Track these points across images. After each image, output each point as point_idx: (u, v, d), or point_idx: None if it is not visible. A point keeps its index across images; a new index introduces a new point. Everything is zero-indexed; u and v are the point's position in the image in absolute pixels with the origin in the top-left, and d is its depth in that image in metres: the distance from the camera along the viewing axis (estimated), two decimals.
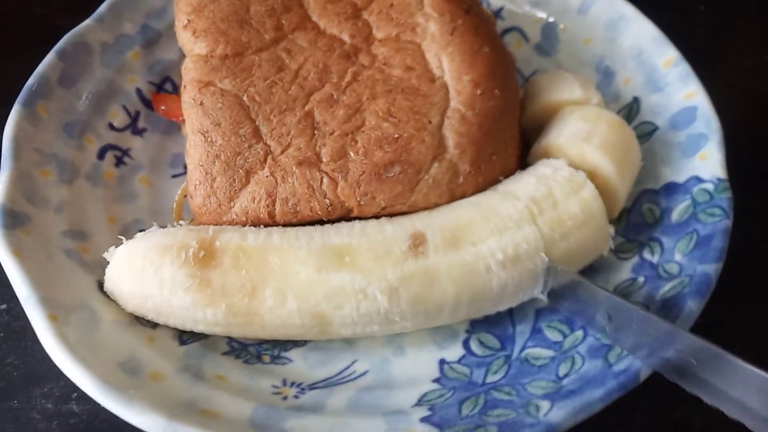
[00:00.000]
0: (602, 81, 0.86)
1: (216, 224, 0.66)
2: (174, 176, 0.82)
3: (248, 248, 0.61)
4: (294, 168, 0.65)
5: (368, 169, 0.65)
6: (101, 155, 0.80)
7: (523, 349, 0.64)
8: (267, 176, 0.65)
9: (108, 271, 0.64)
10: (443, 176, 0.66)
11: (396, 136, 0.66)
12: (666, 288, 0.64)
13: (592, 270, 0.70)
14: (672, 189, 0.73)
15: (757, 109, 0.93)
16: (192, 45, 0.71)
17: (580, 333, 0.64)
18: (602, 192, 0.67)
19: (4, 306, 0.76)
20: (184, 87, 0.69)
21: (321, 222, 0.66)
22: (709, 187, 0.69)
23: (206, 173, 0.66)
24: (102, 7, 0.86)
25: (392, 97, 0.68)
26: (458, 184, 0.67)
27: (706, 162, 0.71)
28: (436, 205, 0.67)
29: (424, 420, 0.58)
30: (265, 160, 0.66)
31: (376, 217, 0.66)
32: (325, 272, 0.60)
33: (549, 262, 0.62)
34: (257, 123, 0.67)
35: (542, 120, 0.77)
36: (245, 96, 0.68)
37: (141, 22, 0.89)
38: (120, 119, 0.84)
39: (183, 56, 0.90)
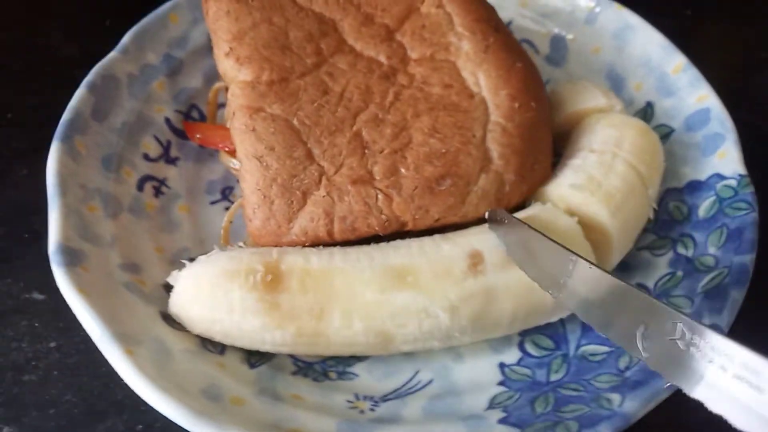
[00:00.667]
0: (613, 87, 0.91)
1: (276, 245, 0.68)
2: (212, 203, 0.83)
3: (314, 271, 0.63)
4: (349, 187, 0.67)
5: (421, 184, 0.68)
6: (140, 187, 0.80)
7: (578, 347, 0.68)
8: (324, 196, 0.67)
9: (174, 296, 0.65)
10: (491, 186, 0.69)
11: (443, 150, 0.69)
12: (706, 280, 0.68)
13: (629, 267, 0.74)
14: (695, 187, 0.77)
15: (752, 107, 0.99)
16: (236, 72, 0.72)
17: None
18: (635, 193, 0.71)
19: (53, 344, 0.75)
20: (233, 114, 0.71)
21: (377, 237, 0.68)
22: (732, 183, 0.74)
23: (264, 197, 0.67)
24: (125, 39, 0.87)
25: (435, 114, 0.71)
26: (505, 194, 0.70)
27: (725, 160, 0.76)
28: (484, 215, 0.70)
29: (501, 421, 0.60)
30: (320, 181, 0.68)
31: (430, 229, 0.68)
32: (389, 293, 0.62)
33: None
34: (309, 145, 0.69)
35: (567, 129, 0.81)
36: (295, 120, 0.70)
37: (163, 51, 0.90)
38: (153, 149, 0.85)
39: (207, 84, 0.92)
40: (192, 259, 0.76)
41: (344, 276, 0.62)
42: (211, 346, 0.66)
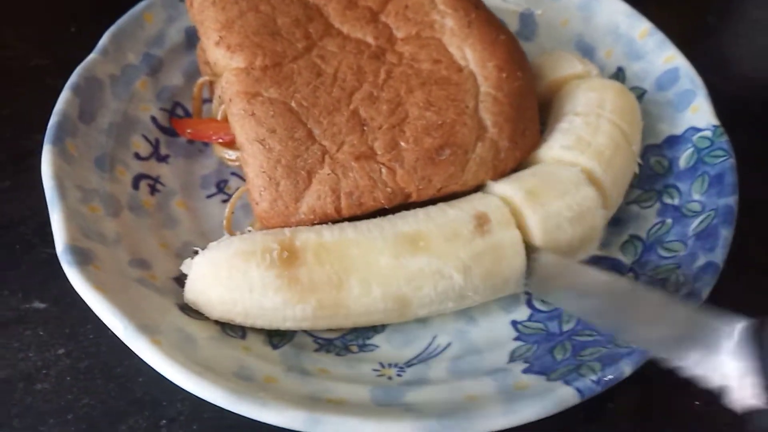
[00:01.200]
0: (584, 56, 0.95)
1: (284, 226, 0.68)
2: (208, 197, 0.83)
3: (328, 244, 0.64)
4: (353, 163, 0.69)
5: (421, 155, 0.70)
6: (135, 185, 0.80)
7: None
8: (328, 174, 0.69)
9: (190, 282, 0.65)
10: (487, 154, 0.72)
11: (440, 122, 0.71)
12: (695, 223, 0.72)
13: (621, 221, 0.78)
14: (673, 141, 0.82)
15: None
16: (228, 60, 0.73)
17: (630, 274, 0.72)
18: (621, 149, 0.75)
19: (62, 350, 0.74)
20: (230, 100, 0.71)
21: (383, 211, 0.70)
22: (707, 134, 0.79)
23: (270, 179, 0.68)
24: (103, 40, 0.86)
25: (428, 88, 0.73)
26: (501, 160, 0.73)
27: (699, 114, 0.81)
28: (483, 182, 0.72)
29: (526, 371, 0.63)
30: (323, 159, 0.69)
31: (432, 200, 0.71)
32: (403, 258, 0.64)
33: (536, 248, 0.66)
34: (309, 126, 0.70)
35: (548, 97, 0.84)
36: (293, 102, 0.71)
37: (142, 51, 0.89)
38: (143, 148, 0.84)
39: (188, 81, 0.92)
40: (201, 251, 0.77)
41: (358, 246, 0.64)
42: (231, 331, 0.67)
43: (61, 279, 0.79)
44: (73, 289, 0.65)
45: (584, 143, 0.74)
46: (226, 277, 0.63)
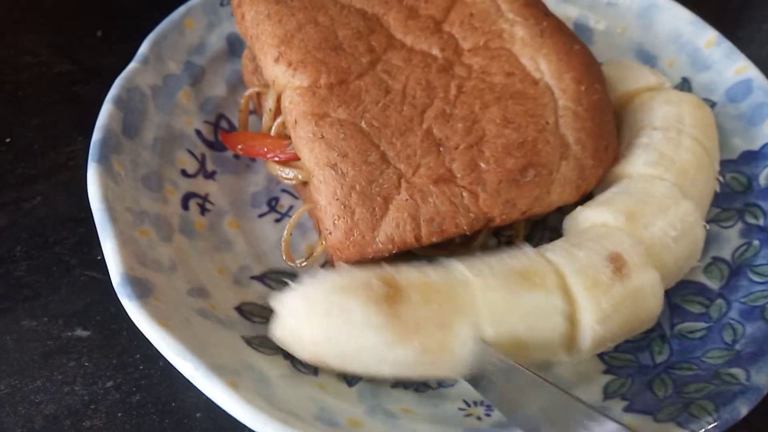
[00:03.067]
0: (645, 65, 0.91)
1: (360, 257, 0.64)
2: (260, 216, 0.79)
3: (433, 283, 0.58)
4: (431, 187, 0.64)
5: (505, 177, 0.65)
6: (185, 205, 0.75)
7: (672, 326, 0.67)
8: (406, 199, 0.64)
9: (281, 319, 0.59)
10: (572, 173, 0.68)
11: (521, 140, 0.67)
12: None
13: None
14: (750, 157, 0.78)
15: None
16: (290, 78, 0.68)
17: (720, 301, 0.68)
18: (704, 166, 0.71)
19: (110, 383, 0.69)
20: (296, 122, 0.66)
21: (464, 237, 0.66)
22: None
23: (344, 206, 0.63)
24: (143, 48, 0.81)
25: (503, 103, 0.69)
26: (584, 179, 0.69)
27: None
28: (567, 203, 0.68)
29: (627, 410, 0.59)
30: (400, 184, 0.64)
31: (515, 222, 0.66)
32: (519, 293, 0.58)
33: (482, 342, 0.57)
34: (382, 148, 0.65)
35: (619, 109, 0.80)
36: (363, 122, 0.66)
37: (184, 59, 0.84)
38: (189, 165, 0.79)
39: (231, 91, 0.87)
40: (259, 277, 0.72)
41: (467, 286, 0.58)
42: (303, 367, 0.62)
43: (105, 303, 0.74)
44: (119, 314, 0.60)
45: (668, 160, 0.70)
46: (324, 313, 0.56)
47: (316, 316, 0.57)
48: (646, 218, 0.63)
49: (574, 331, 0.58)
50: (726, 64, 0.85)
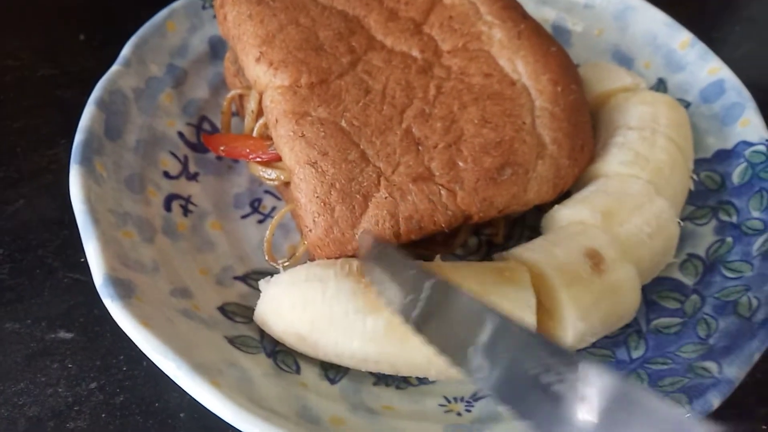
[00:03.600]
0: (621, 67, 0.93)
1: (340, 255, 0.65)
2: (243, 217, 0.79)
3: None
4: (410, 185, 0.65)
5: (482, 176, 0.66)
6: (167, 206, 0.75)
7: (648, 321, 0.69)
8: (386, 197, 0.65)
9: (265, 293, 0.62)
10: (548, 172, 0.69)
11: (498, 140, 0.68)
12: (759, 242, 0.70)
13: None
14: (723, 155, 0.80)
15: None
16: (271, 77, 0.68)
17: (695, 296, 0.69)
18: (678, 165, 0.73)
19: (93, 385, 0.69)
20: (276, 121, 0.67)
21: (445, 236, 0.66)
22: (761, 148, 0.77)
23: (324, 204, 0.64)
24: (125, 51, 0.81)
25: (482, 104, 0.70)
26: (561, 178, 0.70)
27: (749, 127, 0.79)
28: (544, 201, 0.69)
29: None
30: (379, 182, 0.65)
31: (494, 221, 0.67)
32: (495, 285, 0.59)
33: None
34: (362, 147, 0.66)
35: (595, 109, 0.82)
36: (343, 121, 0.67)
37: (166, 62, 0.84)
38: (172, 166, 0.79)
39: (213, 93, 0.88)
40: (242, 278, 0.72)
41: (453, 268, 0.61)
42: (285, 365, 0.63)
43: (88, 305, 0.74)
44: (102, 316, 0.60)
45: (643, 159, 0.71)
46: (303, 279, 0.60)
47: (296, 283, 0.60)
48: (621, 216, 0.65)
49: (556, 328, 0.59)
50: (700, 65, 0.86)
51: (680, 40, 0.89)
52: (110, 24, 1.04)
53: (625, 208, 0.65)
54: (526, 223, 0.80)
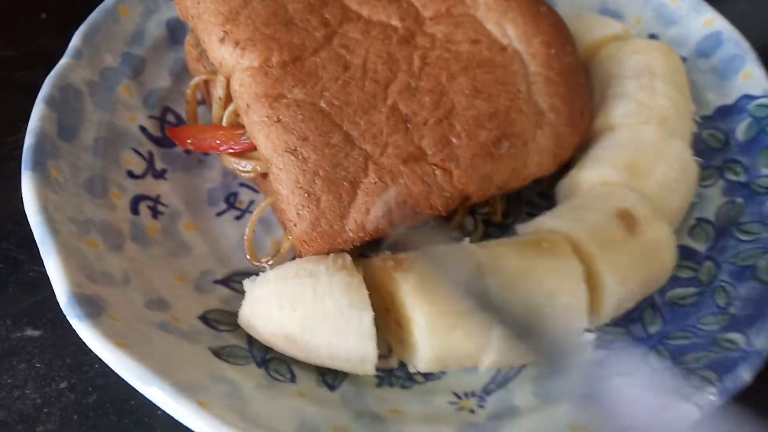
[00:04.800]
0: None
1: (329, 249, 0.59)
2: (218, 214, 0.73)
3: (435, 251, 0.57)
4: (401, 167, 0.60)
5: (478, 151, 0.61)
6: (135, 209, 0.68)
7: (662, 293, 0.64)
8: (375, 182, 0.59)
9: (250, 294, 0.58)
10: (548, 141, 0.64)
11: (492, 111, 0.62)
12: None
13: None
14: (725, 111, 0.76)
15: None
16: (238, 58, 0.62)
17: (709, 263, 0.65)
18: (681, 111, 0.69)
19: (64, 384, 0.64)
20: (248, 106, 0.60)
21: (440, 218, 0.61)
22: (766, 101, 0.73)
23: (308, 194, 0.58)
24: (75, 41, 0.73)
25: (471, 73, 0.64)
26: (561, 147, 0.65)
27: (752, 80, 0.75)
28: (545, 174, 0.64)
29: None
30: (367, 166, 0.59)
31: (491, 199, 0.62)
32: (531, 259, 0.55)
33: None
34: (345, 128, 0.60)
35: (585, 62, 0.77)
36: (322, 102, 0.61)
37: (121, 50, 0.77)
38: (136, 164, 0.72)
39: (176, 81, 0.80)
40: (223, 281, 0.66)
41: (470, 250, 0.57)
42: (278, 374, 0.57)
43: (56, 300, 0.67)
44: None
45: (646, 108, 0.67)
46: (293, 275, 0.56)
47: (284, 280, 0.56)
48: (646, 166, 0.62)
49: (596, 296, 0.56)
50: (693, 17, 0.82)
51: None
52: (73, 1, 0.95)
53: (647, 157, 0.62)
54: (523, 198, 0.75)
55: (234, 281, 0.67)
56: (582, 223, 0.57)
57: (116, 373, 0.62)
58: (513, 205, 0.75)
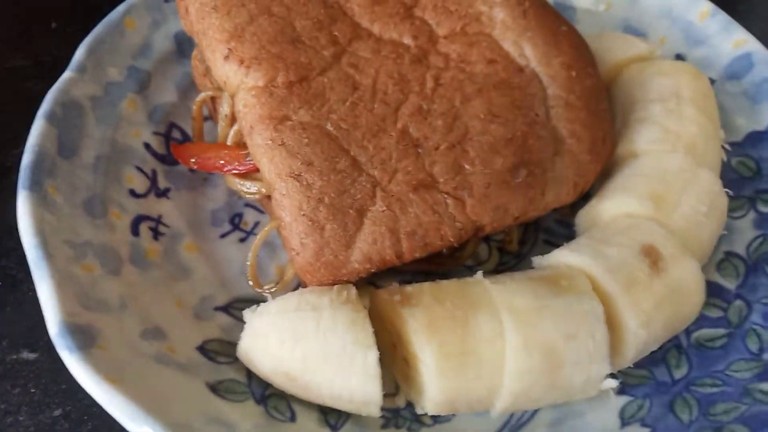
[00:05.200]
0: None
1: (334, 280, 0.56)
2: (222, 236, 0.70)
3: (445, 285, 0.55)
4: (411, 195, 0.56)
5: (493, 179, 0.58)
6: (135, 230, 0.66)
7: (688, 334, 0.60)
8: (383, 210, 0.56)
9: (250, 325, 0.55)
10: (568, 170, 0.61)
11: (509, 136, 0.59)
12: None
13: None
14: (756, 138, 0.72)
15: None
16: (242, 77, 0.59)
17: (739, 302, 0.61)
18: (711, 138, 0.65)
19: (58, 412, 0.62)
20: (251, 128, 0.58)
21: (452, 248, 0.58)
22: None
23: (312, 222, 0.55)
24: (78, 54, 0.71)
25: (487, 95, 0.61)
26: (581, 176, 0.62)
27: None
28: (564, 205, 0.61)
29: None
30: (375, 193, 0.56)
31: (508, 229, 0.59)
32: (548, 299, 0.52)
33: None
34: (352, 153, 0.57)
35: (606, 84, 0.73)
36: (329, 125, 0.58)
37: (126, 64, 0.75)
38: (138, 183, 0.70)
39: (182, 97, 0.78)
40: (224, 308, 0.64)
41: (482, 286, 0.54)
42: (277, 413, 0.54)
43: None
44: None
45: (673, 135, 0.63)
46: (294, 308, 0.53)
47: (286, 313, 0.53)
48: (672, 198, 0.58)
49: (617, 338, 0.52)
50: (723, 37, 0.78)
51: (699, 10, 0.80)
52: (85, 10, 0.94)
53: (673, 188, 0.58)
54: (541, 226, 0.71)
55: (235, 308, 0.64)
56: (603, 260, 0.54)
57: None
58: (530, 233, 0.72)
